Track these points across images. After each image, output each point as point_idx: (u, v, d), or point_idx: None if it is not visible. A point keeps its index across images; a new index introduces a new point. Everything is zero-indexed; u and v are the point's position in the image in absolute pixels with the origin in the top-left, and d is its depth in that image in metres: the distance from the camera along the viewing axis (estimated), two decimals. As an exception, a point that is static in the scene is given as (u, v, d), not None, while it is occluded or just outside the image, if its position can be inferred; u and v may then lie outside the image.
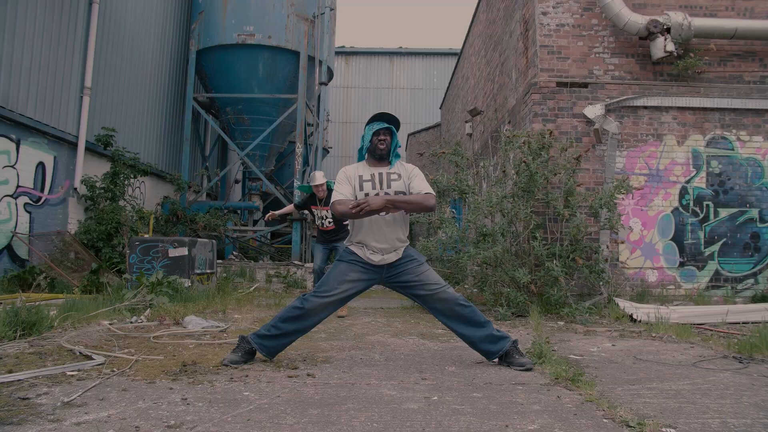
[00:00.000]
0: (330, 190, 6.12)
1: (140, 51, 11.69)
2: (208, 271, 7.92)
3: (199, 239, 7.83)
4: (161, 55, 12.69)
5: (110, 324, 4.74)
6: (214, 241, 8.49)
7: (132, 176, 10.20)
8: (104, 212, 9.17)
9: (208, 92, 13.49)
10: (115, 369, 3.21)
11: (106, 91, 10.40)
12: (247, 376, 3.17)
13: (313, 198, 6.59)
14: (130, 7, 11.21)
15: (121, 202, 9.84)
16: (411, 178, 3.60)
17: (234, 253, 12.81)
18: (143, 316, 5.18)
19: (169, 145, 13.13)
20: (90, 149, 9.69)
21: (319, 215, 6.54)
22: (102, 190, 9.54)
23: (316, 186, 6.46)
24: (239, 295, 7.69)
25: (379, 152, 3.58)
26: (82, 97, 9.52)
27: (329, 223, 6.46)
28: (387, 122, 3.64)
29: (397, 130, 3.70)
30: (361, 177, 3.59)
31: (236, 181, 15.92)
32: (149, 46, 12.09)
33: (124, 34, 11.04)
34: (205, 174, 13.85)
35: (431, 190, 3.56)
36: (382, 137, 3.58)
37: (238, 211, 14.19)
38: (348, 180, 3.59)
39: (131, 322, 4.95)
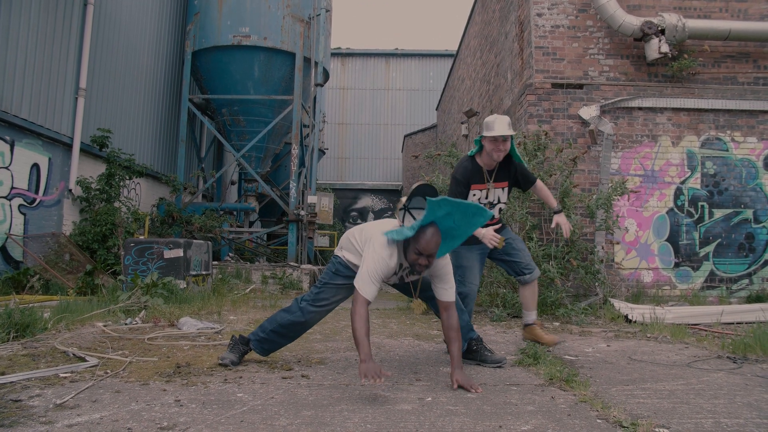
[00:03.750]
0: (512, 157, 4.08)
1: (135, 52, 11.66)
2: (204, 272, 7.90)
3: (194, 241, 7.81)
4: (156, 57, 12.67)
5: (104, 326, 4.73)
6: (209, 242, 8.48)
7: (127, 177, 10.18)
8: (99, 214, 9.15)
9: (203, 93, 13.47)
10: (108, 371, 3.20)
11: (101, 92, 10.38)
12: (241, 377, 3.16)
13: (479, 170, 4.03)
14: (125, 8, 11.19)
15: (117, 204, 9.82)
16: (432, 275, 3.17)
17: (230, 254, 12.79)
18: (138, 318, 5.16)
19: (165, 146, 13.11)
20: (85, 150, 9.67)
21: (480, 199, 4.08)
22: (97, 192, 9.52)
23: (494, 140, 3.87)
24: (235, 297, 7.67)
25: (419, 269, 2.98)
26: (77, 98, 9.50)
27: (498, 211, 4.19)
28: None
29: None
30: (400, 266, 3.14)
31: (232, 183, 15.90)
32: (144, 48, 12.07)
33: (119, 35, 11.02)
34: (201, 175, 13.83)
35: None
36: (424, 261, 2.91)
37: (234, 213, 14.17)
38: (385, 271, 3.00)
39: (126, 324, 4.93)
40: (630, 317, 5.85)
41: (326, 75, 14.71)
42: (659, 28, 7.66)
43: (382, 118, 26.31)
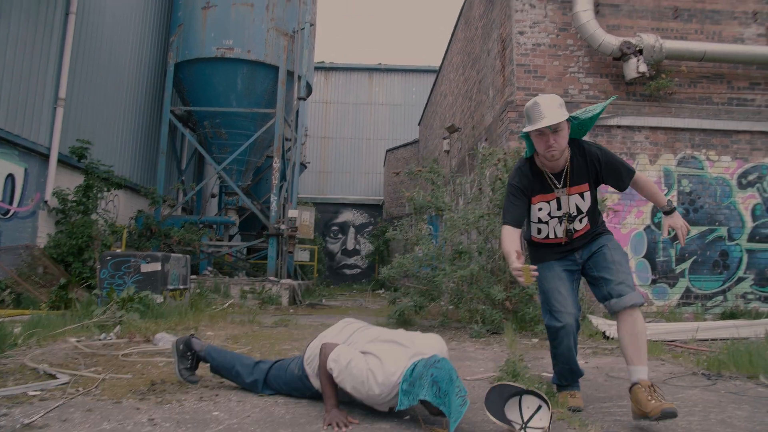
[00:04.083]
0: (580, 144, 3.03)
1: (117, 63, 11.57)
2: (182, 286, 7.80)
3: (172, 254, 7.72)
4: (138, 68, 12.58)
5: (77, 341, 4.63)
6: (188, 256, 8.37)
7: (105, 189, 10.03)
8: (75, 226, 8.99)
9: (185, 105, 13.39)
10: (80, 388, 3.12)
11: (81, 102, 10.26)
12: (217, 395, 3.12)
13: (541, 175, 3.03)
14: (107, 18, 11.11)
15: (94, 216, 9.66)
16: None
17: (209, 268, 12.65)
18: (113, 333, 5.07)
19: (145, 158, 12.97)
20: (63, 161, 9.52)
21: (550, 213, 3.06)
22: (74, 204, 9.36)
23: (540, 135, 2.83)
24: (213, 312, 7.58)
25: None
26: (55, 108, 9.37)
27: (581, 221, 3.06)
28: None
29: None
30: None
31: (212, 196, 15.77)
32: (127, 59, 11.99)
33: (101, 46, 10.93)
34: (181, 188, 13.70)
35: None
36: None
37: (214, 226, 14.04)
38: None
39: (100, 340, 4.84)
40: (607, 334, 5.90)
41: (309, 89, 14.73)
42: (637, 48, 7.83)
43: (364, 132, 26.40)
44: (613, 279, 2.86)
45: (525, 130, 2.90)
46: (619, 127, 8.09)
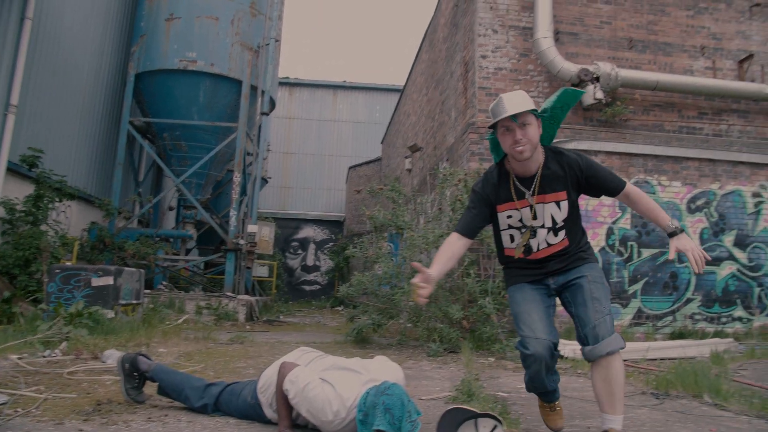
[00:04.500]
0: (557, 150, 2.78)
1: (75, 71, 11.28)
2: (135, 301, 7.57)
3: (126, 268, 7.50)
4: (97, 77, 12.30)
5: (19, 358, 4.43)
6: (142, 270, 8.15)
7: (57, 200, 9.69)
8: (23, 237, 8.64)
9: (145, 116, 13.13)
10: (19, 409, 2.98)
11: (34, 110, 9.93)
12: (166, 415, 3.02)
13: (508, 179, 2.74)
14: (66, 25, 10.85)
15: (44, 227, 9.31)
16: None
17: (163, 283, 12.33)
18: (58, 350, 4.87)
19: (101, 168, 12.62)
20: (12, 170, 9.17)
21: (518, 221, 2.76)
22: (23, 214, 9.01)
23: (506, 130, 2.58)
24: (166, 328, 7.38)
25: None
26: (6, 114, 9.05)
27: (557, 234, 2.74)
28: None
29: None
30: None
31: (170, 209, 15.44)
32: (85, 67, 11.70)
33: (58, 53, 10.65)
34: (138, 200, 13.36)
35: None
36: None
37: (171, 240, 13.73)
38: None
39: (44, 357, 4.64)
40: (562, 353, 5.98)
41: (272, 104, 14.67)
42: (594, 76, 8.10)
43: (327, 148, 26.39)
44: (589, 321, 2.55)
45: (490, 125, 2.66)
46: (576, 151, 8.31)
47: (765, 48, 9.09)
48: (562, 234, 2.71)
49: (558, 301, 2.81)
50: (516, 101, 2.56)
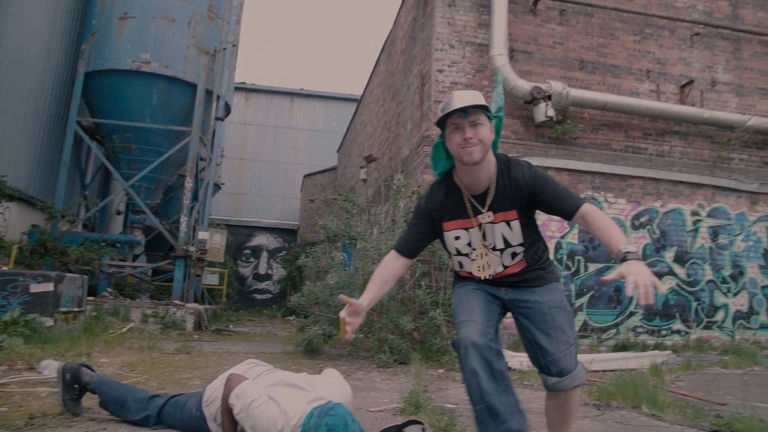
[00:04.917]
0: (507, 160, 2.49)
1: (19, 67, 10.83)
2: (76, 309, 7.29)
3: (68, 274, 7.21)
4: (44, 74, 11.84)
5: (-52, 368, 4.19)
6: (85, 276, 7.86)
7: (-5, 201, 9.27)
8: (-43, 239, 8.23)
9: (94, 117, 12.71)
10: (-56, 422, 2.83)
11: (-28, 106, 9.49)
12: (105, 429, 2.92)
13: (458, 195, 2.47)
14: (10, 19, 10.43)
15: (-21, 229, 8.89)
16: None
17: (108, 290, 11.91)
18: (-10, 360, 4.63)
19: (45, 169, 12.13)
20: (-53, 169, 8.74)
21: (466, 245, 2.52)
22: (-43, 215, 8.58)
23: (456, 128, 2.32)
24: (109, 336, 7.12)
25: None
26: (-58, 111, 8.62)
27: (513, 257, 2.48)
28: None
29: None
30: None
31: (118, 213, 14.96)
32: (31, 63, 11.25)
33: (1, 47, 10.22)
34: (83, 203, 12.88)
35: None
36: None
37: (117, 245, 13.29)
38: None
39: (-25, 366, 4.40)
40: (509, 365, 6.09)
41: (228, 109, 14.45)
42: (546, 94, 8.34)
43: (282, 156, 26.18)
44: (552, 353, 2.35)
45: (436, 120, 2.36)
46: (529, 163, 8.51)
47: (704, 74, 9.58)
48: (519, 257, 2.46)
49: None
50: (467, 98, 2.28)
